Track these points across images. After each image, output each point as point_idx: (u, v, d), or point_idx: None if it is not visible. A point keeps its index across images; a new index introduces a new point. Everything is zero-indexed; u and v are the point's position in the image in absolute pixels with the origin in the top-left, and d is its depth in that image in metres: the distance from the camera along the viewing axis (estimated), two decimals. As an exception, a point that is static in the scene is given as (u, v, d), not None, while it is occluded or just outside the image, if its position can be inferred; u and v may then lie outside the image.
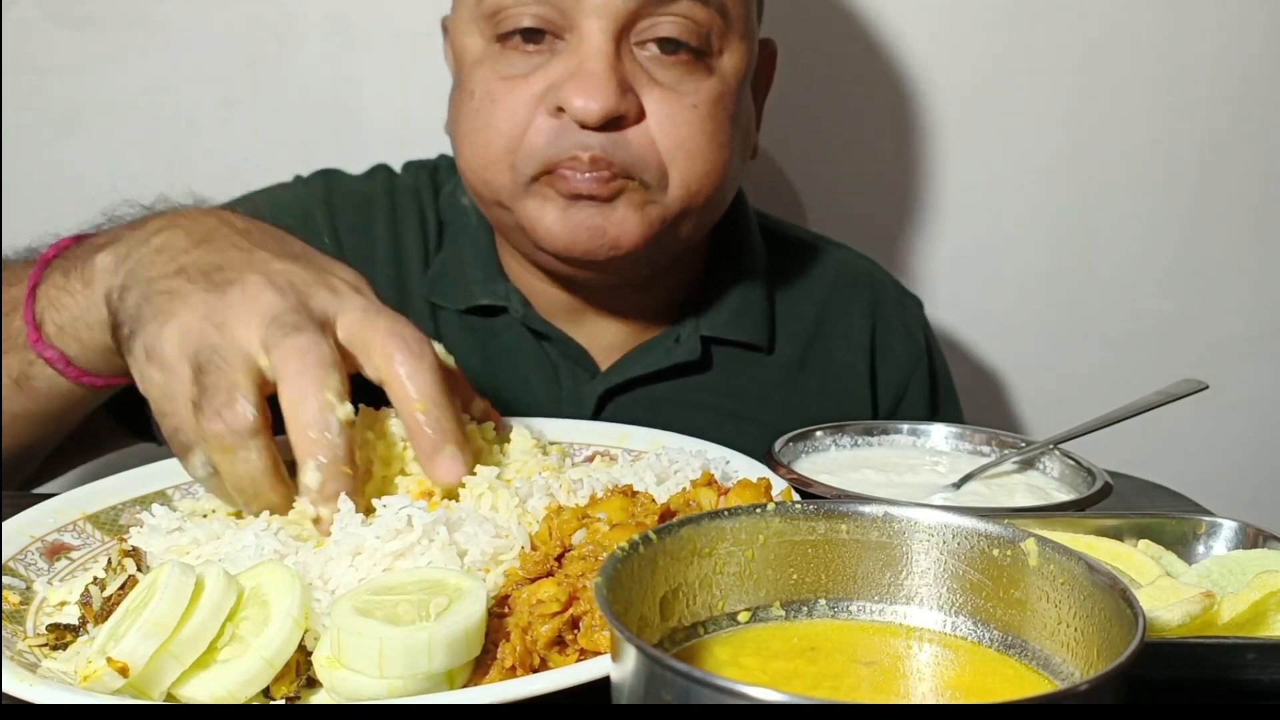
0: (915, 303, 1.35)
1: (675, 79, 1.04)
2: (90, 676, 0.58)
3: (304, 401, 0.75)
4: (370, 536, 0.68)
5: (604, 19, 1.01)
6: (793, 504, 0.57)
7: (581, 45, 1.01)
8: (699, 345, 1.18)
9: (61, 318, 0.91)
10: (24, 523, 0.78)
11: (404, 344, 0.78)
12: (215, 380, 0.75)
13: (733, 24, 1.07)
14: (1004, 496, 0.89)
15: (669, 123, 1.04)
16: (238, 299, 0.78)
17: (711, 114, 1.06)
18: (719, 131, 1.07)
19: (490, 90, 1.05)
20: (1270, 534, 0.73)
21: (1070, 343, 1.65)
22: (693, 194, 1.07)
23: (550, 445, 0.93)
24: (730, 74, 1.08)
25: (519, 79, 1.04)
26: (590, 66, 1.00)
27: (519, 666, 0.61)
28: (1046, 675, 0.52)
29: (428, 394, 0.77)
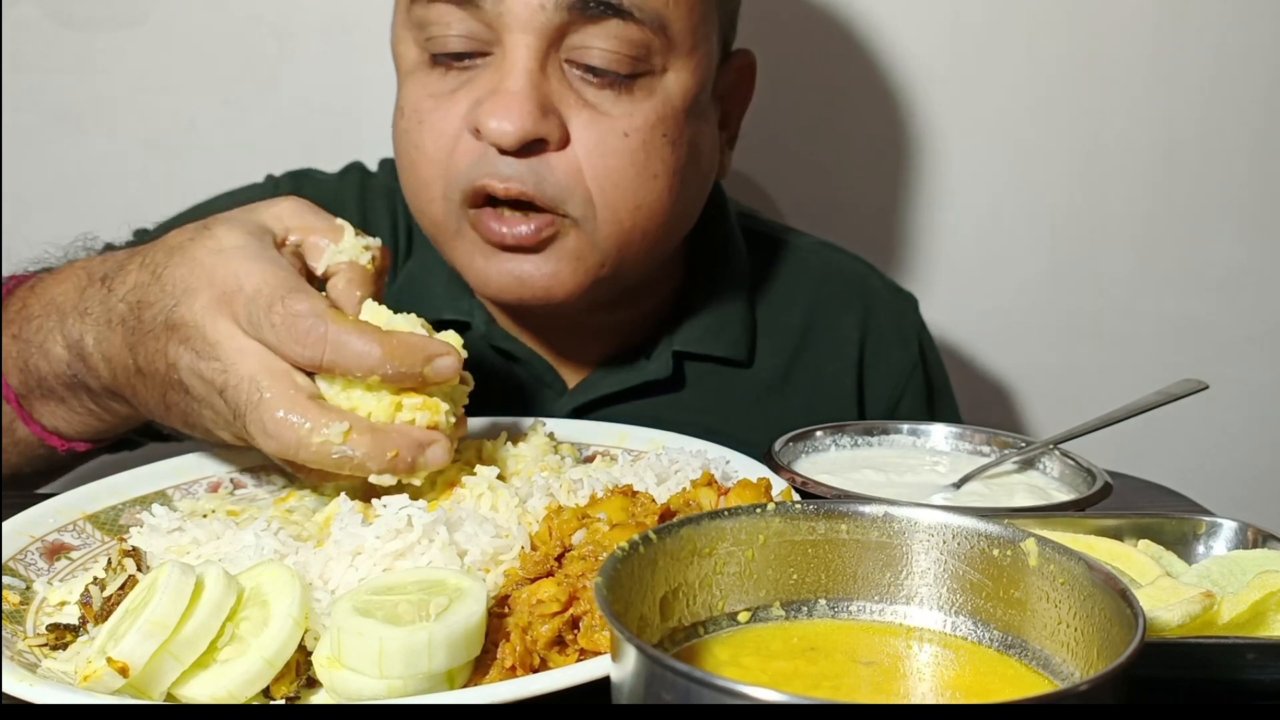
0: (910, 305, 1.29)
1: (607, 101, 0.97)
2: (90, 676, 0.58)
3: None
4: (370, 536, 0.68)
5: (529, 34, 0.94)
6: (793, 504, 0.57)
7: (505, 60, 0.95)
8: (670, 362, 1.13)
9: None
10: (24, 523, 0.78)
11: (304, 348, 0.74)
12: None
13: (677, 41, 0.98)
14: (1004, 496, 0.89)
15: (596, 151, 0.96)
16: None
17: (646, 141, 0.98)
18: (653, 160, 0.99)
19: (418, 109, 1.00)
20: (1270, 534, 0.73)
21: (1070, 343, 1.65)
22: (626, 229, 1.00)
23: (561, 445, 0.93)
24: (676, 95, 1.00)
25: (446, 96, 0.98)
26: (508, 85, 0.94)
27: (519, 666, 0.61)
28: (1046, 675, 0.52)
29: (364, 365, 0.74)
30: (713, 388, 1.16)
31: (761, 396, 1.18)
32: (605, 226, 0.99)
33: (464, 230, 1.00)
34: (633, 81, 0.97)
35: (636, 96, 0.98)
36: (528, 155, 0.95)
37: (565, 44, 0.96)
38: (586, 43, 0.95)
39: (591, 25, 0.95)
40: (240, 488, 0.89)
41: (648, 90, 0.98)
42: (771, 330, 1.20)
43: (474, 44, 0.96)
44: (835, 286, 1.24)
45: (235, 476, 0.90)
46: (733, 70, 1.11)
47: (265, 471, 0.91)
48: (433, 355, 0.76)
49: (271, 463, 0.92)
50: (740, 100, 1.15)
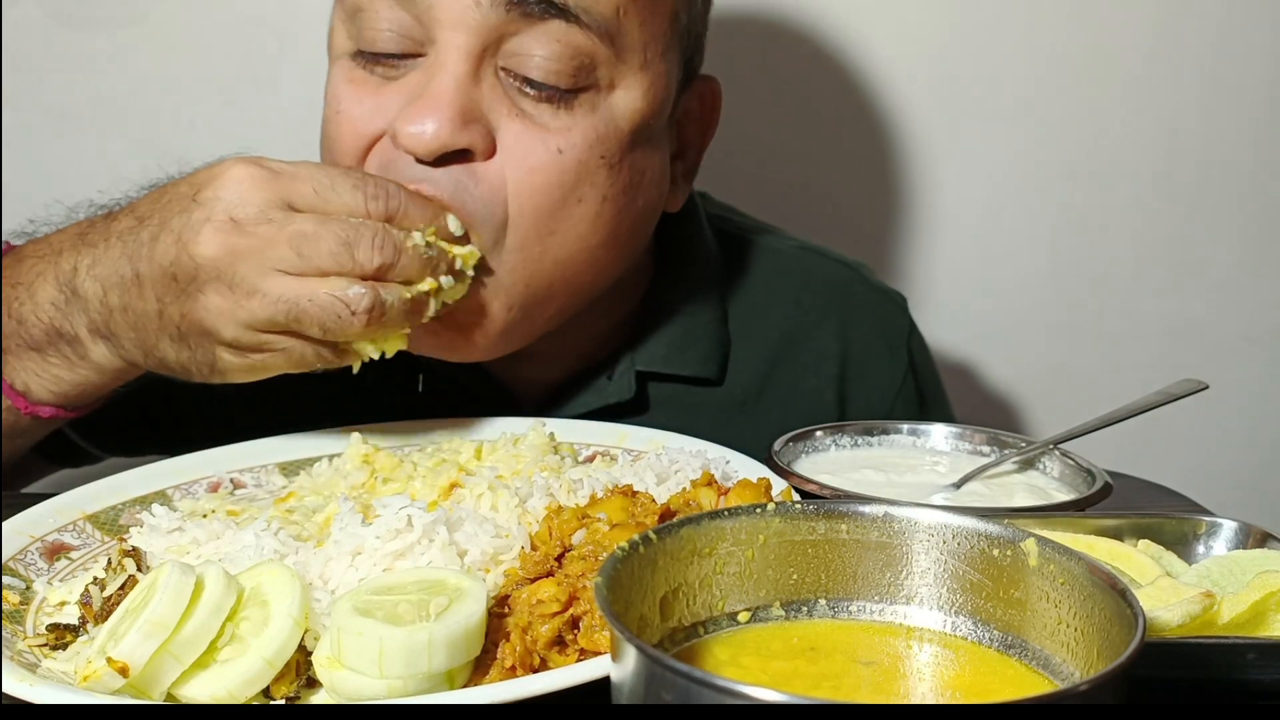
0: (898, 307, 1.20)
1: (545, 113, 0.89)
2: (90, 676, 0.58)
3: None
4: (370, 537, 0.68)
5: (461, 33, 0.86)
6: (793, 504, 0.57)
7: (436, 60, 0.87)
8: (634, 383, 1.05)
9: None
10: (24, 523, 0.78)
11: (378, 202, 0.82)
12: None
13: (626, 55, 0.90)
14: (1004, 496, 0.89)
15: (523, 165, 0.88)
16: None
17: (580, 160, 0.89)
18: (583, 184, 0.90)
19: (338, 99, 0.92)
20: (1270, 534, 0.73)
21: (1070, 343, 1.65)
22: (535, 258, 0.90)
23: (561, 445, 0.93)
24: (622, 115, 0.91)
25: (370, 92, 0.90)
26: (433, 87, 0.86)
27: (519, 666, 0.61)
28: (1046, 675, 0.52)
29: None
30: (680, 408, 1.08)
31: (733, 416, 1.10)
32: (512, 256, 0.90)
33: None
34: (574, 96, 0.89)
35: (577, 112, 0.89)
36: (447, 165, 0.87)
37: (503, 50, 0.88)
38: (526, 49, 0.87)
39: (532, 28, 0.87)
40: (240, 488, 0.90)
41: (590, 106, 0.90)
42: (745, 342, 1.12)
43: (406, 42, 0.89)
44: (815, 294, 1.16)
45: (235, 476, 0.90)
46: (694, 96, 1.03)
47: (265, 471, 0.91)
48: None
49: (271, 463, 0.92)
50: (701, 128, 1.06)
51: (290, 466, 0.92)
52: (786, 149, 1.54)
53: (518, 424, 0.94)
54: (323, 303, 0.79)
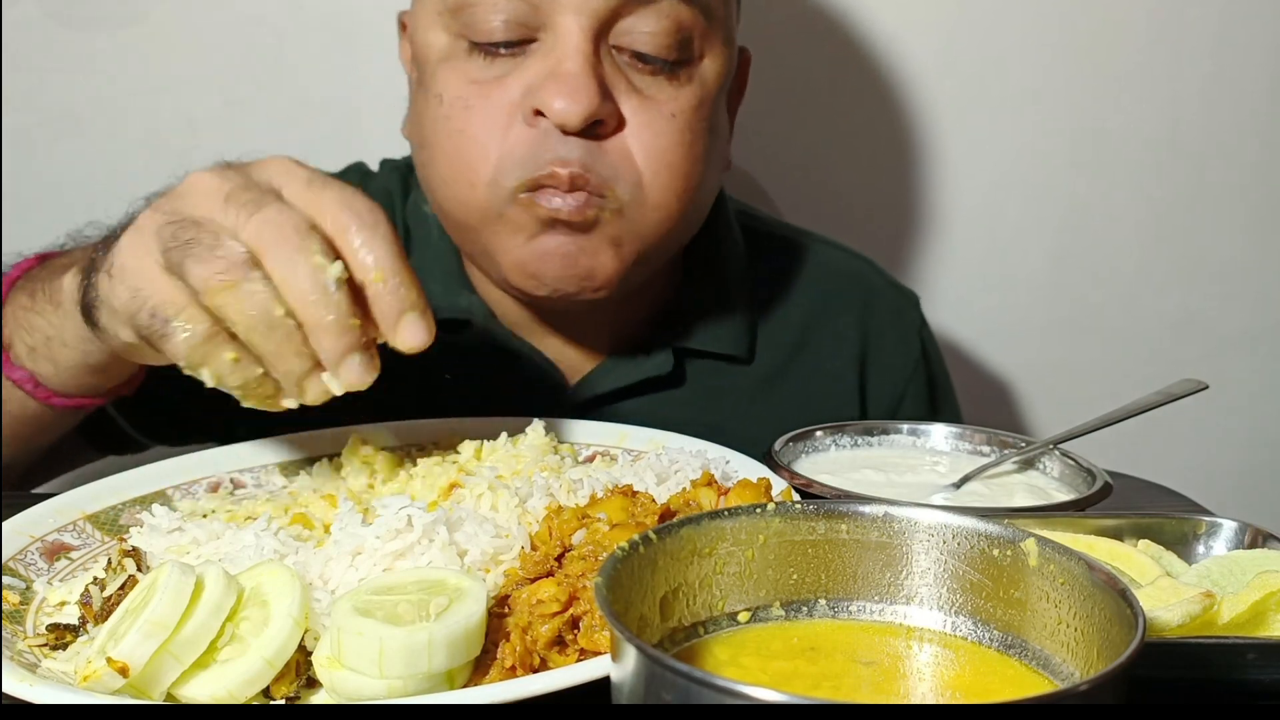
0: (911, 302, 1.28)
1: (654, 86, 0.98)
2: (90, 676, 0.58)
3: (294, 268, 0.70)
4: (370, 536, 0.68)
5: (582, 16, 0.94)
6: (793, 504, 0.57)
7: (558, 45, 0.94)
8: (671, 358, 1.13)
9: (33, 339, 0.89)
10: (24, 523, 0.78)
11: (356, 215, 0.74)
12: (193, 238, 0.72)
13: (716, 26, 1.00)
14: (1004, 496, 0.89)
15: (648, 133, 0.97)
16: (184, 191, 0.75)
17: (690, 124, 0.99)
18: (696, 143, 1.00)
19: (463, 95, 0.97)
20: (1270, 534, 0.73)
21: (1071, 342, 1.65)
22: (669, 213, 1.00)
23: (561, 445, 0.93)
24: (710, 80, 1.01)
25: (493, 83, 0.96)
26: (568, 66, 0.93)
27: (519, 666, 0.61)
28: (1046, 675, 0.52)
29: (384, 263, 0.73)
30: (713, 384, 1.16)
31: (762, 393, 1.18)
32: (651, 211, 0.99)
33: (508, 214, 0.97)
34: (677, 68, 0.99)
35: (679, 81, 0.99)
36: (585, 137, 0.95)
37: (615, 29, 0.96)
38: (636, 27, 0.96)
39: (645, 7, 0.96)
40: (240, 487, 0.90)
41: (688, 75, 1.00)
42: (770, 326, 1.19)
43: (519, 30, 0.95)
44: (835, 284, 1.24)
45: (235, 476, 0.90)
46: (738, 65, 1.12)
47: (265, 471, 0.91)
48: None
49: (271, 463, 0.92)
50: (738, 95, 1.15)
51: (290, 466, 0.92)
52: (787, 142, 1.55)
53: (518, 424, 0.94)
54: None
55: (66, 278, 0.86)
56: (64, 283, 0.86)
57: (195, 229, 0.72)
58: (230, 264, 0.70)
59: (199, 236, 0.71)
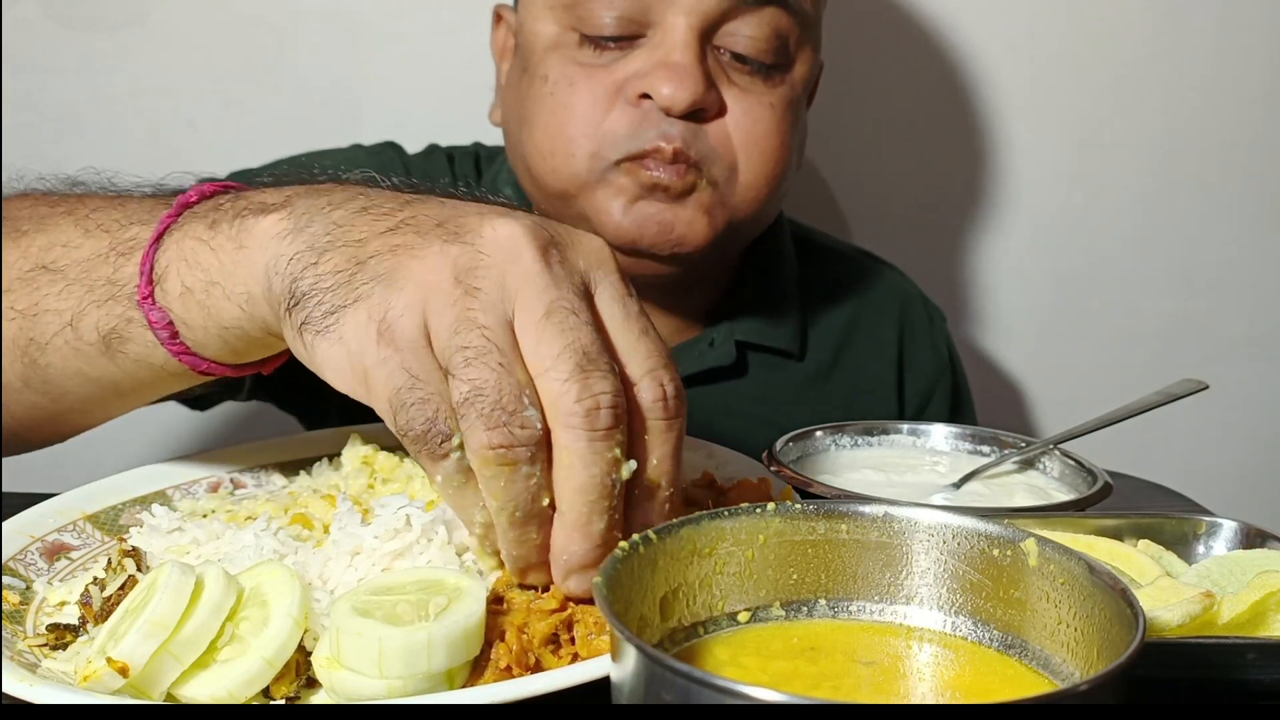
0: (940, 317, 1.36)
1: (751, 84, 1.06)
2: (90, 676, 0.58)
3: (588, 464, 0.59)
4: (369, 536, 0.68)
5: (691, 15, 1.01)
6: (793, 504, 0.57)
7: (666, 39, 1.02)
8: (734, 350, 1.18)
9: (193, 277, 0.71)
10: (24, 523, 0.78)
11: (664, 405, 0.62)
12: (486, 377, 0.58)
13: (809, 33, 1.09)
14: (1004, 496, 0.89)
15: (747, 119, 1.05)
16: (493, 253, 0.61)
17: (784, 116, 1.08)
18: (789, 135, 1.08)
19: (568, 74, 1.05)
20: (1270, 534, 0.73)
21: (1071, 343, 1.65)
22: (759, 195, 1.08)
23: None
24: (799, 82, 1.10)
25: (599, 67, 1.04)
26: (676, 58, 1.01)
27: (515, 666, 0.61)
28: (1046, 675, 0.52)
29: (665, 475, 0.62)
30: (768, 377, 1.22)
31: (811, 388, 1.24)
32: (743, 191, 1.07)
33: (609, 179, 1.04)
34: (773, 70, 1.07)
35: (773, 81, 1.07)
36: (687, 121, 1.02)
37: (720, 31, 1.04)
38: (739, 30, 1.03)
39: (750, 13, 1.03)
40: (240, 488, 0.89)
41: (781, 77, 1.08)
42: (818, 327, 1.26)
43: (629, 26, 1.03)
44: (875, 291, 1.32)
45: (235, 476, 0.90)
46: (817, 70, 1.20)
47: (265, 471, 0.91)
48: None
49: (271, 463, 0.92)
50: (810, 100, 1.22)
51: (290, 466, 0.92)
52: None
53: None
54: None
55: (267, 219, 0.68)
56: (262, 224, 0.69)
57: (489, 359, 0.59)
58: (519, 443, 0.59)
59: (495, 382, 0.58)
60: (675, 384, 0.63)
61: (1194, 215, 1.62)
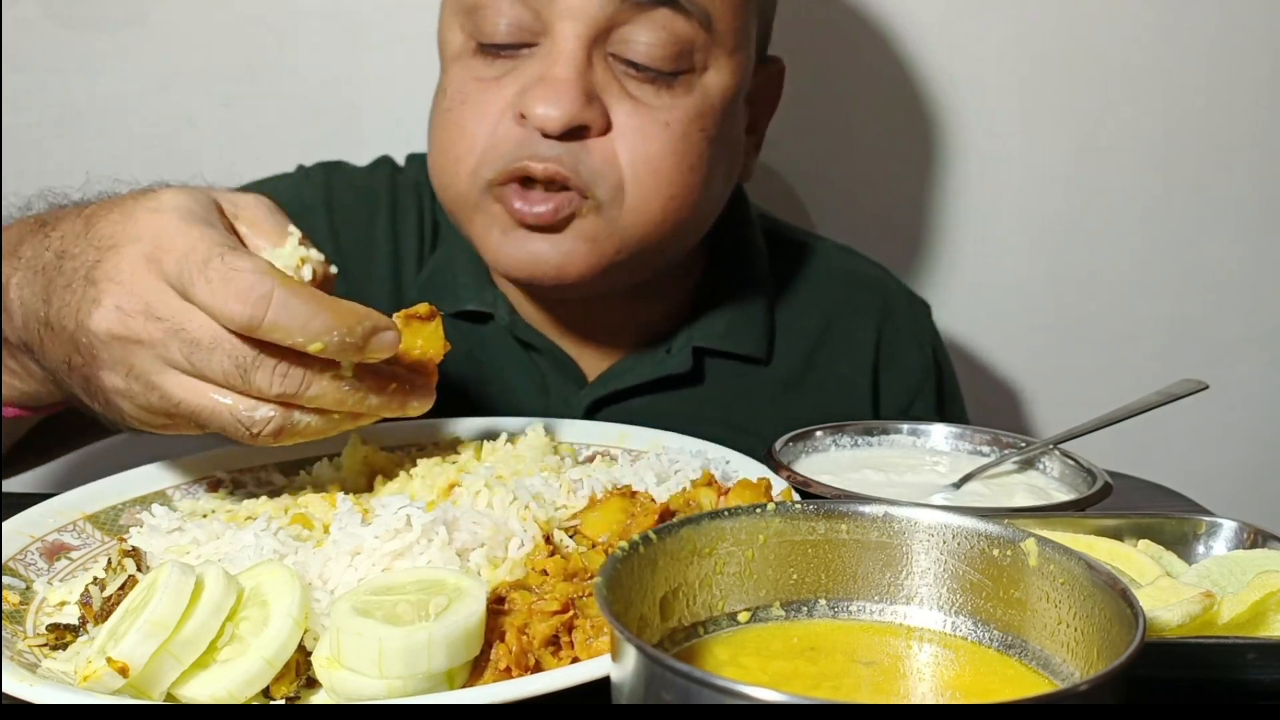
0: (924, 310, 1.31)
1: (649, 94, 1.00)
2: (90, 676, 0.58)
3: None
4: (369, 536, 0.68)
5: (578, 22, 0.96)
6: (793, 504, 0.57)
7: (553, 49, 0.97)
8: (690, 357, 1.14)
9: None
10: (24, 523, 0.78)
11: (244, 305, 0.69)
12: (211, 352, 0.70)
13: (720, 39, 1.01)
14: (1004, 496, 0.89)
15: (636, 138, 0.99)
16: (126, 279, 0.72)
17: (685, 133, 1.00)
18: (691, 153, 1.01)
19: (463, 91, 1.02)
20: (1270, 534, 0.73)
21: (1070, 343, 1.65)
22: (652, 218, 1.01)
23: (561, 445, 0.93)
24: (715, 92, 1.02)
25: (491, 81, 1.00)
26: (556, 72, 0.96)
27: (514, 667, 0.61)
28: (1046, 675, 0.52)
29: (308, 330, 0.69)
30: (731, 384, 1.17)
31: (778, 395, 1.19)
32: (631, 214, 1.00)
33: (484, 205, 1.01)
34: (674, 78, 1.00)
35: (677, 91, 1.00)
36: (569, 140, 0.97)
37: (613, 37, 0.98)
38: (633, 36, 0.98)
39: (641, 16, 0.97)
40: (240, 487, 0.90)
41: (688, 86, 1.01)
42: (789, 329, 1.21)
43: (521, 34, 0.99)
44: (853, 290, 1.26)
45: (235, 476, 0.90)
46: (764, 75, 1.13)
47: (265, 471, 0.91)
48: (378, 327, 0.73)
49: (271, 463, 0.92)
50: (768, 106, 1.17)
51: (290, 466, 0.92)
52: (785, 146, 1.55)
53: (517, 424, 0.94)
54: (224, 419, 0.73)
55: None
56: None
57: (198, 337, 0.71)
58: (294, 382, 0.72)
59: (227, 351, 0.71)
60: (244, 263, 0.70)
61: (1193, 216, 1.62)
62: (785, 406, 1.19)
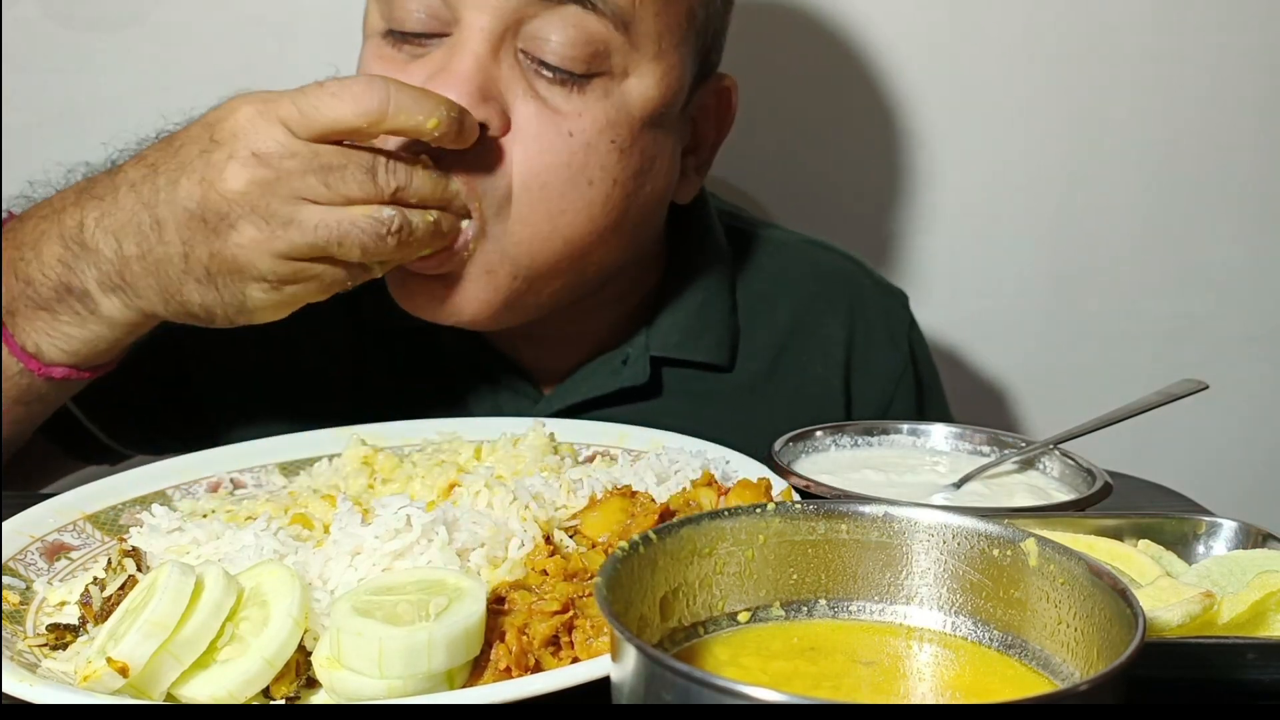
0: (899, 302, 1.25)
1: (559, 96, 0.92)
2: (90, 676, 0.58)
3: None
4: (369, 536, 0.68)
5: (484, 14, 0.90)
6: (793, 504, 0.57)
7: (459, 38, 0.92)
8: (648, 367, 1.09)
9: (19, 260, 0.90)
10: (24, 523, 0.78)
11: (371, 95, 0.83)
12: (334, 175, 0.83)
13: (640, 43, 0.94)
14: (1004, 496, 0.89)
15: (534, 145, 0.91)
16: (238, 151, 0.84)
17: (589, 143, 0.93)
18: (592, 165, 0.93)
19: (368, 72, 0.97)
20: (1270, 534, 0.73)
21: (1071, 343, 1.65)
22: (543, 235, 0.94)
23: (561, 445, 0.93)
24: (635, 102, 0.95)
25: (397, 68, 0.94)
26: (453, 65, 0.90)
27: (514, 668, 0.61)
28: (1046, 675, 0.52)
29: (424, 107, 0.84)
30: (692, 393, 1.13)
31: (743, 401, 1.14)
32: (518, 229, 0.93)
33: None
34: (587, 81, 0.93)
35: (589, 96, 0.93)
36: None
37: (523, 32, 0.92)
38: (543, 33, 0.91)
39: (550, 12, 0.91)
40: (240, 487, 0.90)
41: (603, 91, 0.94)
42: (754, 331, 1.16)
43: (433, 23, 0.93)
44: (821, 285, 1.21)
45: (235, 476, 0.90)
46: (710, 92, 1.06)
47: (265, 471, 0.91)
48: (462, 109, 0.87)
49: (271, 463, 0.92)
50: (716, 124, 1.10)
51: (290, 466, 0.92)
52: (784, 145, 1.55)
53: (517, 424, 0.94)
54: (364, 225, 0.83)
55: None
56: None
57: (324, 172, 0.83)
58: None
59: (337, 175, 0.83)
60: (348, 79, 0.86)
61: (1194, 215, 1.62)
62: (750, 413, 1.13)
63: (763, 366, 1.16)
